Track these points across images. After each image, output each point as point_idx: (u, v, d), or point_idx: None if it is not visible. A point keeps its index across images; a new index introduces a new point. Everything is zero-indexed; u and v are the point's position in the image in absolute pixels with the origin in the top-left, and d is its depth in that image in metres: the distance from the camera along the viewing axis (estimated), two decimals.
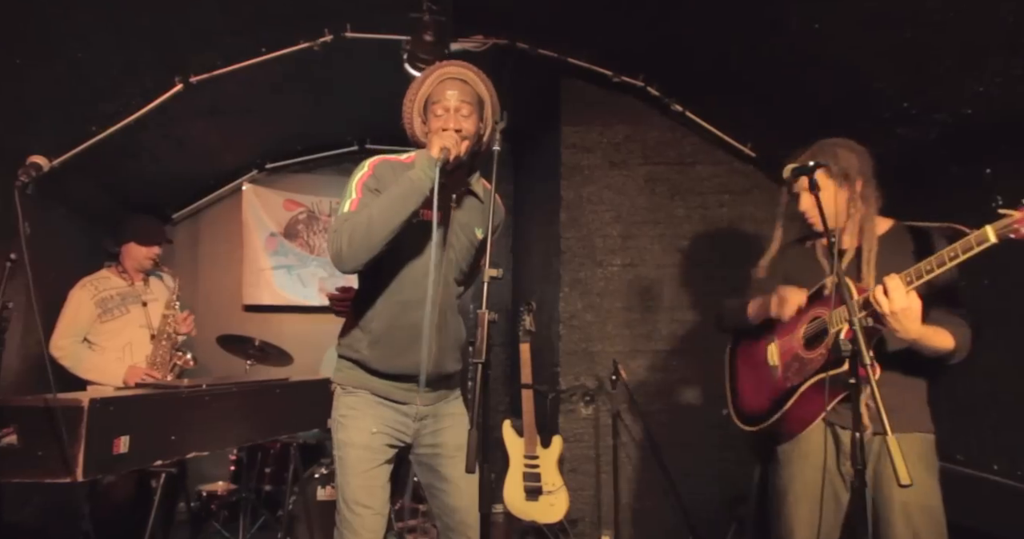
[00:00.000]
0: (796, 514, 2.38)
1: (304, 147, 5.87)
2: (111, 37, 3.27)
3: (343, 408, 2.35)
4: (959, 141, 3.00)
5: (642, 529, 4.25)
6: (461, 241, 2.37)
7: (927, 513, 2.18)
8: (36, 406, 2.35)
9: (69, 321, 3.69)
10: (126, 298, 3.86)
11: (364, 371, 2.34)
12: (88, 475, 2.34)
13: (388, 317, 2.29)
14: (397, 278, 2.29)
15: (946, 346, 2.12)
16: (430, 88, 2.33)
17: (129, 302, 3.86)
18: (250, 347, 4.39)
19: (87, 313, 3.72)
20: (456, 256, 2.36)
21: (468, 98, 2.27)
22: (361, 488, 2.27)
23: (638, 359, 4.35)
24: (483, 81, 2.34)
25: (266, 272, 5.80)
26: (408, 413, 2.36)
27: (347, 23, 3.80)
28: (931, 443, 2.27)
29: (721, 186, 4.45)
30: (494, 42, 4.08)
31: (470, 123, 2.26)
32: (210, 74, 3.80)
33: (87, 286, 3.79)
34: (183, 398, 2.81)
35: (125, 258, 3.95)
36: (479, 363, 2.00)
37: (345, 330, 2.42)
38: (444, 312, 2.33)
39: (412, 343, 2.27)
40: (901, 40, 2.78)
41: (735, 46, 3.52)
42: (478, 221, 2.39)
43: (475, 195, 2.41)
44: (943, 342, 2.12)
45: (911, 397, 2.27)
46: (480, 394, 2.00)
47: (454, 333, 2.41)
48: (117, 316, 3.80)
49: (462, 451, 2.25)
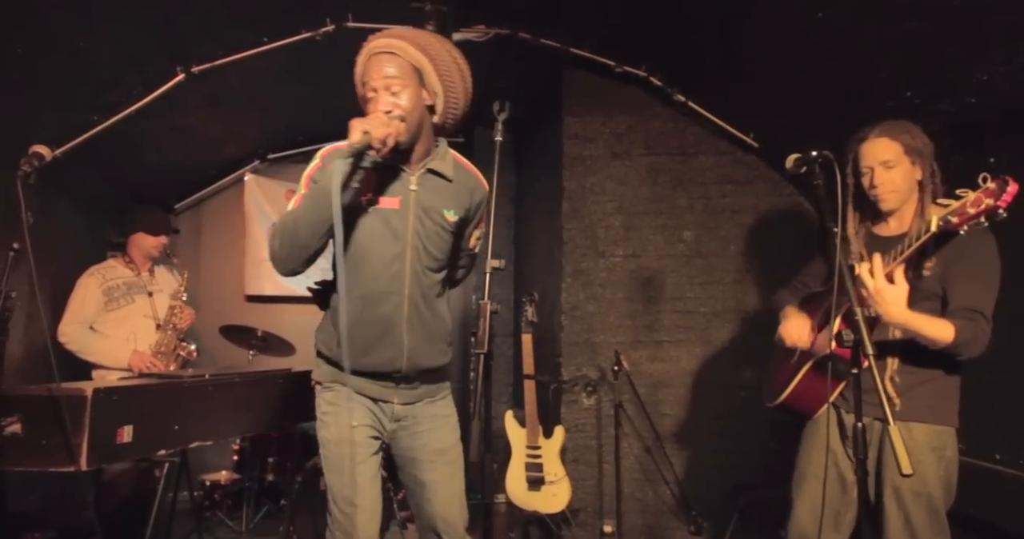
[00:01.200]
0: (800, 490, 2.47)
1: (306, 137, 5.85)
2: (113, 27, 3.26)
3: (323, 405, 2.22)
4: (963, 131, 2.98)
5: (644, 519, 4.26)
6: (427, 226, 2.15)
7: (920, 500, 2.20)
8: (40, 395, 2.36)
9: (76, 308, 3.74)
10: (132, 288, 3.90)
11: (338, 368, 2.19)
12: (92, 464, 2.35)
13: (352, 313, 2.10)
14: (355, 272, 2.13)
15: (943, 337, 2.10)
16: (361, 68, 2.15)
17: (135, 292, 3.90)
18: (252, 337, 4.40)
19: (94, 300, 3.76)
20: (423, 243, 2.15)
21: (397, 72, 2.05)
22: (348, 486, 2.15)
23: (640, 350, 4.35)
24: (419, 46, 2.08)
25: (268, 262, 5.77)
26: (385, 412, 2.23)
27: (349, 13, 3.78)
28: (944, 435, 2.25)
29: (724, 176, 4.43)
30: (496, 32, 4.06)
31: (404, 99, 2.05)
32: (212, 64, 3.80)
33: (95, 274, 3.83)
34: (186, 388, 2.82)
35: (132, 248, 3.99)
36: (481, 353, 2.01)
37: (321, 326, 2.31)
38: (416, 304, 2.16)
39: (379, 339, 2.13)
40: (904, 29, 2.76)
41: (738, 36, 3.51)
42: (447, 202, 2.18)
43: (439, 175, 2.19)
44: (939, 333, 2.10)
45: (928, 388, 2.26)
46: (482, 384, 2.01)
47: (433, 325, 2.23)
48: (123, 305, 3.84)
49: (441, 456, 2.24)
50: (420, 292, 2.17)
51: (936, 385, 2.27)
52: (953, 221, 1.92)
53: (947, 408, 2.28)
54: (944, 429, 2.26)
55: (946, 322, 2.12)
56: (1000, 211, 1.83)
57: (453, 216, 2.18)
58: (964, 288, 2.17)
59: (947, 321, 2.12)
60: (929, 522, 2.19)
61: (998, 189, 1.82)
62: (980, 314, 2.14)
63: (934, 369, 2.25)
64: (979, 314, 2.14)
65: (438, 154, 2.20)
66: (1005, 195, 1.81)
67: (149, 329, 3.89)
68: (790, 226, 4.30)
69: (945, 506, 2.24)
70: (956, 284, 2.18)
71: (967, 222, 1.89)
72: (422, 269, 2.17)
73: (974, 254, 2.17)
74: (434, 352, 2.23)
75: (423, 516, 2.30)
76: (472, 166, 2.29)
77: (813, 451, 2.44)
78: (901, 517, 2.20)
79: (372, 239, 2.12)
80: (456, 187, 2.21)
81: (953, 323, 2.11)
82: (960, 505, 2.28)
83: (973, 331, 2.12)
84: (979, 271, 2.18)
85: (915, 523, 2.19)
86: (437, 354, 2.25)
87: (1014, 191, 1.80)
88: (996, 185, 1.83)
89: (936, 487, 2.21)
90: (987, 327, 2.14)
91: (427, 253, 2.17)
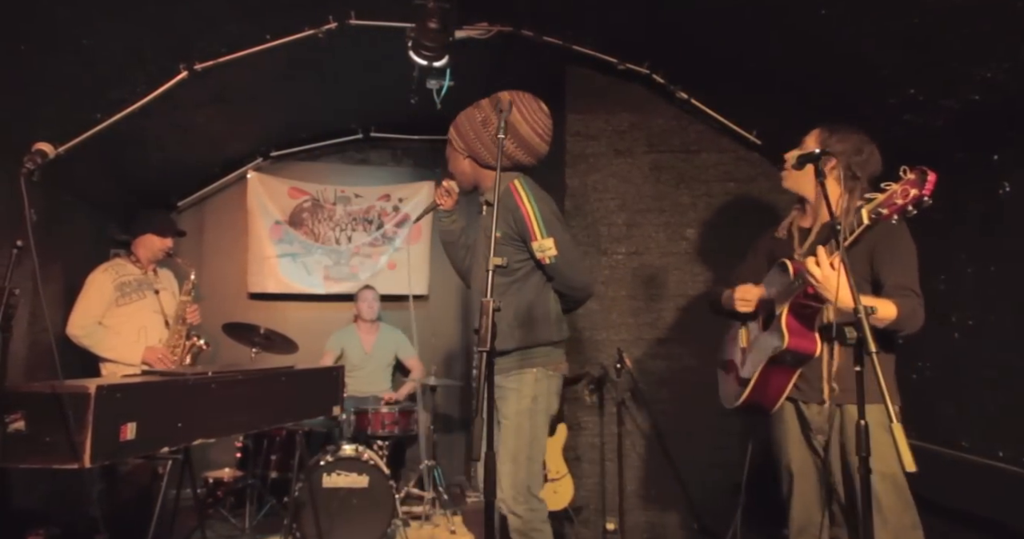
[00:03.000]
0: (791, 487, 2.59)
1: (309, 135, 5.87)
2: (116, 24, 3.26)
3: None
4: (966, 127, 2.98)
5: (647, 517, 4.26)
6: (485, 241, 2.78)
7: (886, 480, 2.28)
8: (43, 392, 2.36)
9: (88, 303, 3.82)
10: (142, 284, 4.00)
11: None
12: (95, 461, 2.35)
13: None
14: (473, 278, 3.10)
15: (888, 315, 2.23)
16: None
17: (144, 288, 4.00)
18: (255, 335, 4.41)
19: (107, 296, 3.84)
20: (484, 252, 2.70)
21: (448, 150, 2.96)
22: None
23: (643, 347, 4.35)
24: (455, 123, 2.88)
25: (271, 260, 5.81)
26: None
27: (351, 10, 3.78)
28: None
29: (726, 174, 4.43)
30: (499, 29, 4.06)
31: (454, 167, 2.95)
32: (215, 61, 3.80)
33: (108, 270, 3.92)
34: (189, 385, 2.81)
35: (139, 248, 4.09)
36: (484, 351, 2.01)
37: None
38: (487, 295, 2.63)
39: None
40: (908, 26, 2.76)
41: (741, 33, 3.50)
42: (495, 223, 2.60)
43: (489, 203, 2.82)
44: (884, 311, 2.22)
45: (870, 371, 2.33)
46: (485, 382, 2.01)
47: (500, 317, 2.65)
48: (134, 300, 3.93)
49: (505, 419, 2.73)
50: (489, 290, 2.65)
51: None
52: (884, 212, 2.01)
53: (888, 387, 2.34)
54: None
55: (887, 301, 2.26)
56: (926, 199, 1.90)
57: (499, 233, 2.59)
58: (893, 268, 2.36)
59: (887, 300, 2.26)
60: (897, 500, 2.30)
61: (919, 179, 1.91)
62: (912, 291, 2.32)
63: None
64: (911, 291, 2.32)
65: (491, 187, 2.76)
66: (927, 184, 1.89)
67: (158, 324, 3.97)
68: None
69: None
70: (885, 265, 2.37)
71: (896, 212, 1.98)
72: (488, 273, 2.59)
73: (895, 238, 2.36)
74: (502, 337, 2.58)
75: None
76: (519, 191, 2.77)
77: (790, 447, 2.59)
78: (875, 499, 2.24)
79: (474, 254, 3.06)
80: (500, 210, 2.66)
81: (893, 301, 2.26)
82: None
83: (912, 306, 2.28)
84: (903, 253, 2.38)
85: (884, 503, 2.28)
86: (504, 339, 2.64)
87: (933, 180, 1.88)
88: (916, 176, 1.92)
89: (896, 466, 2.21)
90: (921, 302, 2.31)
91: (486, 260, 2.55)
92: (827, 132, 2.52)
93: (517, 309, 2.75)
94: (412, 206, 6.09)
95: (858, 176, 2.43)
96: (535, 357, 2.76)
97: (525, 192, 2.75)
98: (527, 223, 2.71)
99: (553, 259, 2.71)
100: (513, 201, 2.73)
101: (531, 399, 2.72)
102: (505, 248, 2.70)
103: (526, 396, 2.71)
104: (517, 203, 2.73)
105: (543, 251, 2.71)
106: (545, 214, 2.72)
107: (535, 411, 2.72)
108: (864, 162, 2.44)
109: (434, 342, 6.09)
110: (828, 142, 2.47)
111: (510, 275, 2.76)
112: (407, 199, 6.09)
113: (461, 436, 6.17)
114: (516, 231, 2.73)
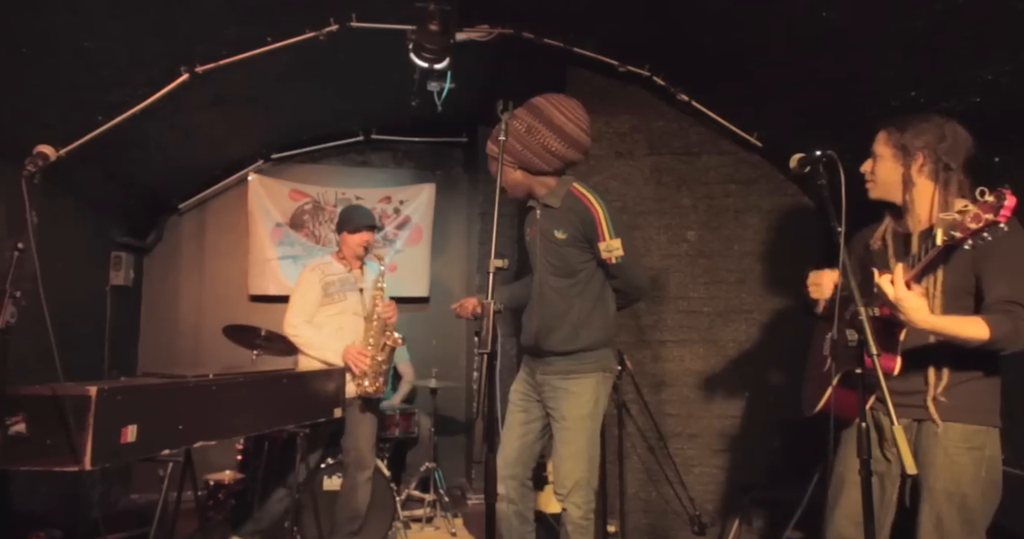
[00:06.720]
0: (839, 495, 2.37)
1: (310, 137, 5.87)
2: (118, 27, 3.27)
3: None
4: (967, 130, 2.97)
5: (648, 519, 4.25)
6: (543, 243, 2.88)
7: (953, 501, 2.13)
8: (44, 394, 2.36)
9: (301, 302, 3.90)
10: (345, 284, 4.01)
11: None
12: (96, 463, 2.35)
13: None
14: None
15: (978, 335, 1.99)
16: None
17: (347, 288, 4.01)
18: (256, 337, 4.40)
19: (316, 295, 3.91)
20: (546, 256, 2.87)
21: (490, 168, 2.91)
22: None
23: (644, 349, 4.35)
24: (493, 140, 2.76)
25: (272, 262, 5.80)
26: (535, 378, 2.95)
27: (353, 13, 3.79)
28: (982, 434, 2.17)
29: (727, 176, 4.43)
30: (500, 32, 4.06)
31: (506, 180, 2.84)
32: (216, 64, 3.80)
33: (316, 270, 3.98)
34: (190, 388, 2.82)
35: (343, 246, 4.13)
36: (485, 353, 2.01)
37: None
38: (544, 294, 2.86)
39: (527, 323, 2.95)
40: (909, 28, 2.76)
41: (742, 35, 3.50)
42: (556, 225, 2.83)
43: (549, 206, 2.88)
44: (972, 332, 2.00)
45: (967, 388, 2.19)
46: (486, 384, 2.01)
47: (553, 312, 2.84)
48: (337, 301, 3.96)
49: (564, 420, 2.81)
50: (545, 285, 2.87)
51: (974, 385, 2.19)
52: (956, 236, 1.86)
53: (986, 408, 2.19)
54: (982, 429, 2.17)
55: (978, 320, 2.02)
56: (1001, 225, 1.77)
57: (562, 234, 2.82)
58: (997, 280, 2.08)
59: (980, 318, 2.02)
60: (961, 524, 2.12)
61: (996, 203, 1.76)
62: (1018, 304, 2.04)
63: (972, 369, 2.18)
64: (1017, 305, 2.04)
65: (551, 191, 2.89)
66: (1003, 210, 1.75)
67: (357, 325, 3.97)
68: (793, 226, 4.30)
69: (986, 507, 2.15)
70: (988, 277, 2.10)
71: (970, 236, 1.84)
72: (546, 275, 2.88)
73: (1003, 244, 1.97)
74: (556, 338, 2.83)
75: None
76: (585, 193, 2.83)
77: (851, 458, 2.28)
78: (933, 518, 2.14)
79: (531, 257, 3.01)
80: (563, 212, 2.83)
81: (987, 320, 2.01)
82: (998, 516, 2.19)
83: (1012, 324, 2.01)
84: (1010, 261, 2.08)
85: (946, 524, 2.12)
86: (560, 341, 2.82)
87: (1012, 205, 1.75)
88: (994, 198, 1.77)
89: (971, 488, 2.13)
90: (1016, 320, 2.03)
91: (549, 263, 2.88)
92: (897, 132, 2.29)
93: (581, 310, 2.83)
94: (413, 208, 6.09)
95: (951, 167, 2.20)
96: (596, 360, 2.86)
97: (592, 194, 2.83)
98: (596, 224, 2.77)
99: (620, 259, 2.79)
100: (582, 204, 2.81)
101: (593, 403, 2.82)
102: (568, 249, 2.82)
103: (589, 400, 2.81)
104: (586, 205, 2.80)
105: (610, 251, 2.78)
106: (613, 215, 2.80)
107: (596, 414, 2.84)
108: (952, 148, 2.21)
109: (435, 344, 6.09)
110: (905, 141, 2.25)
111: (572, 276, 2.85)
112: (408, 201, 6.09)
113: (462, 438, 6.16)
114: (583, 232, 2.80)
